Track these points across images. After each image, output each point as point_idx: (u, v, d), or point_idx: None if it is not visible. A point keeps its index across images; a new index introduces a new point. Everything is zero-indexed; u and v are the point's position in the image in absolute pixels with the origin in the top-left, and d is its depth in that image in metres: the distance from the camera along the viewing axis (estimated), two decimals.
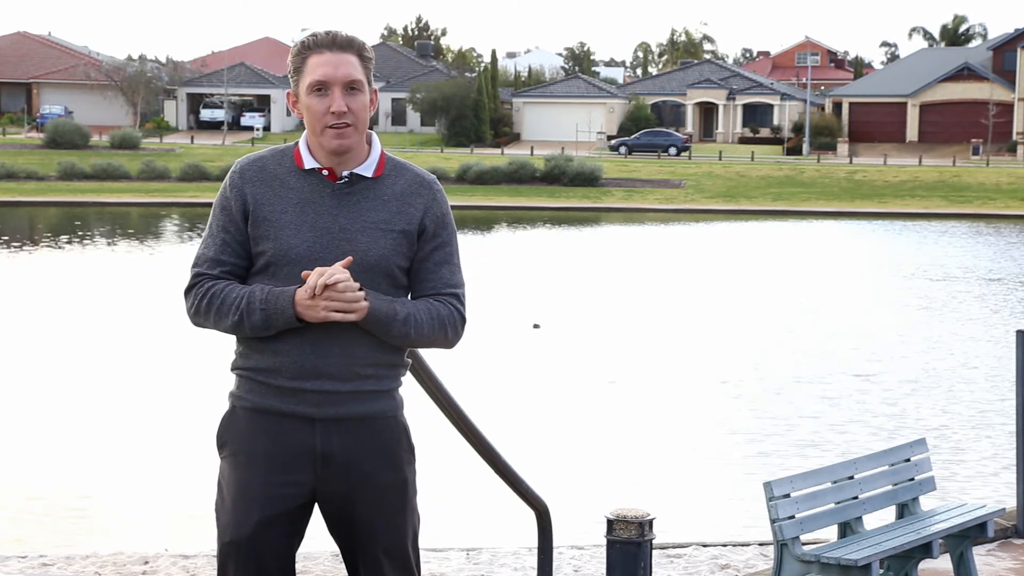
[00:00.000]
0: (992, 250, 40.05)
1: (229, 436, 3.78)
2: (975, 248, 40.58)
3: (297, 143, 3.77)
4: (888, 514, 7.14)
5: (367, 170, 3.73)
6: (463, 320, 3.78)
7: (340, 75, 3.65)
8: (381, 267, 3.67)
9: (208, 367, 16.33)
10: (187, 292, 3.75)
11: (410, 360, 3.88)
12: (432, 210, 3.76)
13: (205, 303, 3.69)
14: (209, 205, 4.07)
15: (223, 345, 4.04)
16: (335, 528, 3.80)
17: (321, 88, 3.66)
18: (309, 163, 3.71)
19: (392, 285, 3.71)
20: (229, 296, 3.66)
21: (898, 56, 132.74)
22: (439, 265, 3.76)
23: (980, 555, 7.56)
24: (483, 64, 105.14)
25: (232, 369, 3.79)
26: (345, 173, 3.71)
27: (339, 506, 3.73)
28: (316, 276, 3.56)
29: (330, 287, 3.55)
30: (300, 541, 3.81)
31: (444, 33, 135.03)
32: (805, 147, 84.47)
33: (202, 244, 3.77)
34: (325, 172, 3.70)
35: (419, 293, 3.76)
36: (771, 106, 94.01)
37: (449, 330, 3.75)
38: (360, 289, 3.62)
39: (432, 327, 3.71)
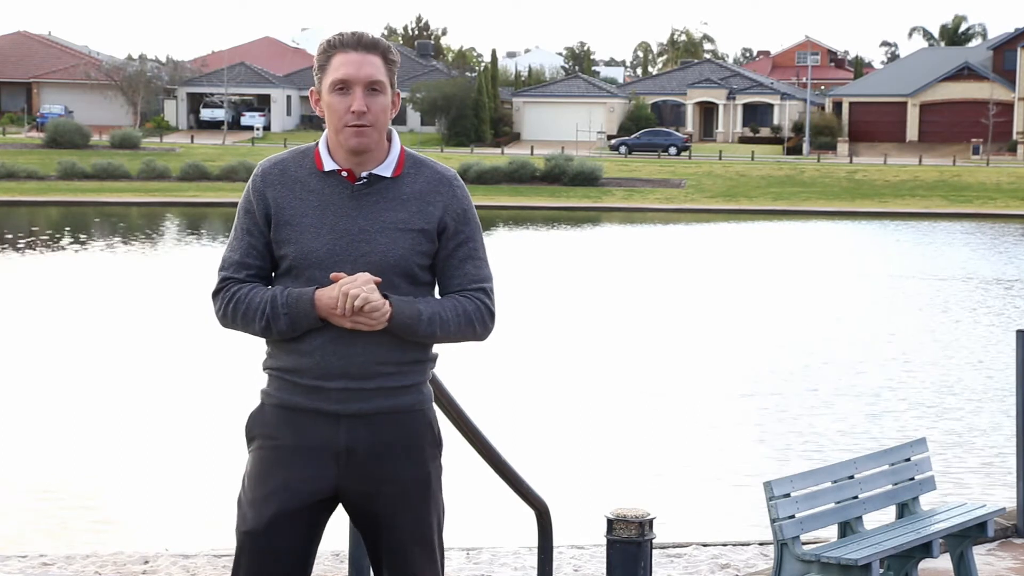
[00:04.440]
0: (992, 250, 40.04)
1: (257, 431, 3.81)
2: (975, 248, 40.57)
3: (317, 144, 3.79)
4: (888, 514, 7.14)
5: (386, 170, 3.75)
6: (492, 314, 3.81)
7: (362, 75, 3.67)
8: (401, 267, 3.69)
9: (209, 367, 16.35)
10: (214, 296, 3.80)
11: (437, 354, 3.88)
12: (452, 207, 3.78)
13: (231, 308, 3.74)
14: (209, 205, 4.12)
15: (224, 345, 4.06)
16: (358, 521, 3.82)
17: (343, 87, 3.68)
18: (328, 165, 3.74)
19: (412, 284, 3.73)
20: (253, 302, 3.71)
21: (898, 56, 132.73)
22: (464, 261, 3.78)
23: (980, 555, 7.56)
24: (483, 64, 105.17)
25: (263, 368, 3.84)
26: (364, 174, 3.73)
27: (361, 501, 3.75)
28: (343, 298, 3.58)
29: (359, 311, 3.58)
30: (318, 539, 3.82)
31: (444, 33, 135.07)
32: (805, 147, 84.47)
33: (228, 247, 3.81)
34: (344, 174, 3.73)
35: (446, 290, 3.79)
36: (771, 106, 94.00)
37: (477, 326, 3.78)
38: (384, 295, 3.64)
39: (459, 324, 3.74)
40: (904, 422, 14.58)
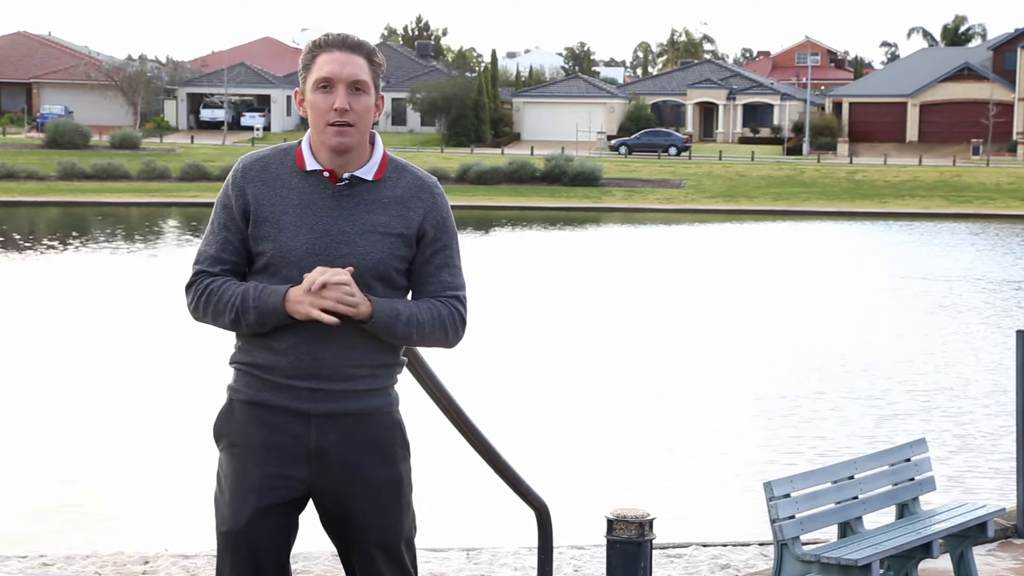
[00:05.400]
0: (993, 250, 40.03)
1: (226, 429, 3.82)
2: (975, 248, 40.56)
3: (300, 143, 3.80)
4: (888, 514, 7.14)
5: (368, 173, 3.76)
6: (463, 321, 3.82)
7: (346, 74, 3.69)
8: (378, 270, 3.71)
9: (208, 366, 16.33)
10: (187, 288, 3.80)
11: (405, 359, 3.92)
12: (432, 214, 3.79)
13: (203, 300, 3.74)
14: (209, 205, 4.13)
15: (222, 345, 4.06)
16: (329, 524, 3.84)
17: (326, 85, 3.70)
18: (311, 164, 3.74)
19: (388, 287, 3.74)
20: (225, 295, 3.71)
21: (898, 56, 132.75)
22: (440, 268, 3.80)
23: (980, 555, 7.56)
24: (483, 64, 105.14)
25: (231, 363, 3.84)
26: (346, 175, 3.73)
27: (333, 502, 3.77)
28: (317, 273, 3.60)
29: (329, 285, 3.58)
30: (295, 534, 3.85)
31: (444, 33, 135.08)
32: (805, 147, 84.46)
33: (203, 241, 3.82)
34: (326, 174, 3.73)
35: (420, 296, 3.80)
36: (771, 106, 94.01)
37: (450, 331, 3.79)
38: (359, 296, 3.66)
39: (433, 327, 3.75)
40: (906, 423, 14.57)
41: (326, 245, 3.68)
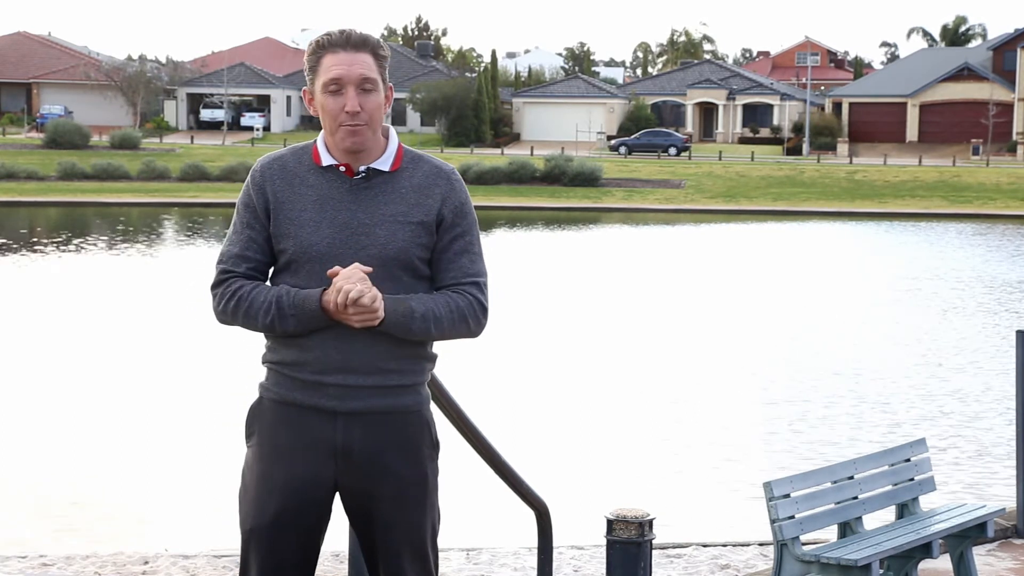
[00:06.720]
0: (992, 250, 40.02)
1: (256, 426, 3.83)
2: (975, 248, 40.55)
3: (315, 141, 3.82)
4: (888, 514, 7.14)
5: (384, 164, 3.77)
6: (484, 309, 3.80)
7: (354, 75, 3.69)
8: (401, 259, 3.71)
9: (209, 367, 16.35)
10: (213, 288, 3.79)
11: (436, 354, 3.89)
12: (450, 200, 3.79)
13: (233, 304, 3.73)
14: (209, 205, 4.14)
15: (225, 346, 4.07)
16: (355, 522, 3.83)
17: (336, 87, 3.70)
18: (327, 160, 3.76)
19: (413, 277, 3.74)
20: (257, 299, 3.71)
21: (898, 56, 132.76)
22: (459, 255, 3.79)
23: (980, 555, 7.56)
24: (483, 64, 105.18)
25: (262, 362, 3.85)
26: (362, 168, 3.75)
27: (359, 501, 3.77)
28: (335, 292, 3.59)
29: (353, 302, 3.58)
30: (323, 532, 3.84)
31: (444, 33, 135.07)
32: (805, 147, 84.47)
33: (227, 241, 3.82)
34: (342, 168, 3.75)
35: (440, 283, 3.79)
36: (771, 106, 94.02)
37: (471, 321, 3.77)
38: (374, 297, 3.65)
39: (452, 320, 3.73)
40: (904, 422, 14.57)
41: (347, 238, 3.68)
